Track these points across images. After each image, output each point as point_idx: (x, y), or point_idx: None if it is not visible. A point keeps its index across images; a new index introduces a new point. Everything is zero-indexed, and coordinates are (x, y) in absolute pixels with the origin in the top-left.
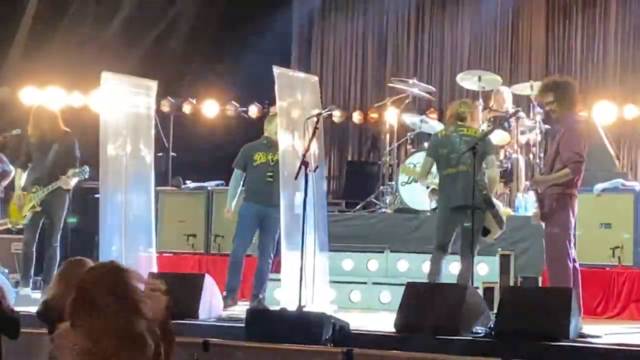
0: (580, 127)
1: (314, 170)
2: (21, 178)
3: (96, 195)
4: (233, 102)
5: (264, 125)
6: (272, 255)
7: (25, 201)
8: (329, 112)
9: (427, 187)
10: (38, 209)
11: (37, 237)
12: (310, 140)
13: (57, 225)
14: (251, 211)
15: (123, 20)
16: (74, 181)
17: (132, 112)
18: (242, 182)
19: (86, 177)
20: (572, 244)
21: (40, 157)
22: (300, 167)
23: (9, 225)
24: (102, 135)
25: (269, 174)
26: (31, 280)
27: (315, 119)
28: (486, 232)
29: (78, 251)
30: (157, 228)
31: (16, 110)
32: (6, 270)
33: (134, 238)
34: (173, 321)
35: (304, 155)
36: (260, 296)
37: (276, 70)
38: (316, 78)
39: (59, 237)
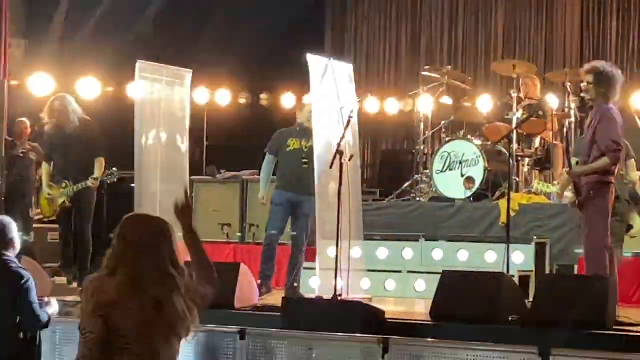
0: (615, 115)
1: (349, 159)
2: (47, 170)
3: (131, 185)
4: (267, 91)
5: (296, 113)
6: (305, 244)
7: (56, 196)
8: (363, 100)
9: (463, 175)
10: (69, 204)
11: (71, 228)
12: (345, 129)
13: (87, 219)
14: (284, 199)
15: (158, 10)
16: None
17: (166, 102)
18: (273, 167)
19: (115, 180)
20: (608, 232)
21: (63, 149)
22: (335, 156)
23: (40, 217)
24: (137, 125)
25: (304, 160)
26: (71, 271)
27: (350, 107)
28: (629, 227)
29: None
30: (192, 217)
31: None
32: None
33: None
34: (210, 309)
35: (338, 144)
36: (295, 285)
37: (310, 58)
38: (351, 66)
39: (90, 230)
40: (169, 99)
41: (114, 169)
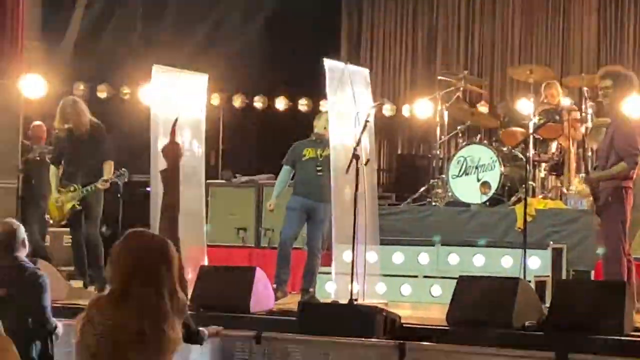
0: (633, 120)
1: (365, 164)
2: (56, 174)
3: (147, 189)
4: (283, 96)
5: (313, 121)
6: (320, 249)
7: (65, 200)
8: (380, 105)
9: (479, 180)
10: (78, 208)
11: (82, 231)
12: (361, 133)
13: (95, 221)
14: (299, 204)
15: (173, 14)
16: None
17: (182, 106)
18: (289, 179)
19: (125, 180)
20: (626, 238)
21: (72, 153)
22: (351, 161)
23: (51, 222)
24: (152, 129)
25: (318, 167)
26: (86, 274)
27: (366, 112)
28: None
29: None
30: (207, 221)
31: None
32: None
33: (185, 231)
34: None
35: (355, 149)
36: (311, 290)
37: (327, 63)
38: (367, 71)
39: (98, 232)
40: (184, 103)
41: (124, 169)
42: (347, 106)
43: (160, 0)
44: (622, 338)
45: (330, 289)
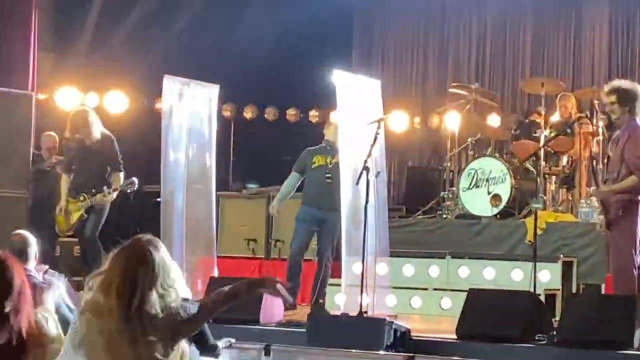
0: None
1: (376, 176)
2: (66, 183)
3: (158, 199)
4: (294, 107)
5: (323, 130)
6: (330, 260)
7: (73, 209)
8: (383, 120)
9: (489, 193)
10: (85, 217)
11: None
12: (372, 145)
13: (97, 226)
14: (309, 215)
15: (185, 24)
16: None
17: (193, 116)
18: (296, 186)
19: (134, 189)
20: (637, 252)
21: (82, 163)
22: (361, 173)
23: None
24: (163, 139)
25: (327, 175)
26: None
27: (376, 124)
28: None
29: None
30: (217, 232)
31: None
32: (62, 276)
33: (195, 242)
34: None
35: (365, 161)
36: (320, 301)
37: (337, 74)
38: (379, 82)
39: (96, 236)
40: (195, 114)
41: (133, 178)
42: (358, 118)
43: (171, 9)
44: (633, 352)
45: (340, 300)
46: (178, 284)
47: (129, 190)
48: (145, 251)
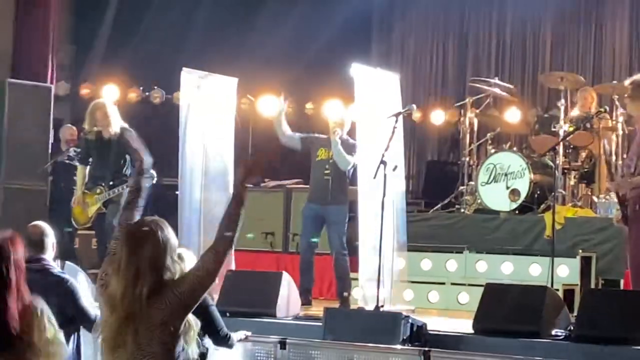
0: None
1: (393, 170)
2: (83, 175)
3: (176, 192)
4: (312, 101)
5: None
6: (344, 251)
7: (91, 202)
8: (409, 112)
9: (508, 188)
10: (104, 210)
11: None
12: (390, 139)
13: (114, 215)
14: (312, 211)
15: (204, 17)
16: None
17: (211, 109)
18: (291, 137)
19: (153, 182)
20: None
21: (100, 155)
22: (378, 167)
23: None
24: (181, 132)
25: (326, 171)
26: None
27: (394, 118)
28: None
29: None
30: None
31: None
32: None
33: (212, 236)
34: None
35: (382, 155)
36: (345, 294)
37: (356, 67)
38: (397, 76)
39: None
40: (214, 107)
41: (152, 172)
42: (376, 111)
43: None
44: None
45: (357, 295)
46: (187, 263)
47: (147, 185)
48: (150, 230)
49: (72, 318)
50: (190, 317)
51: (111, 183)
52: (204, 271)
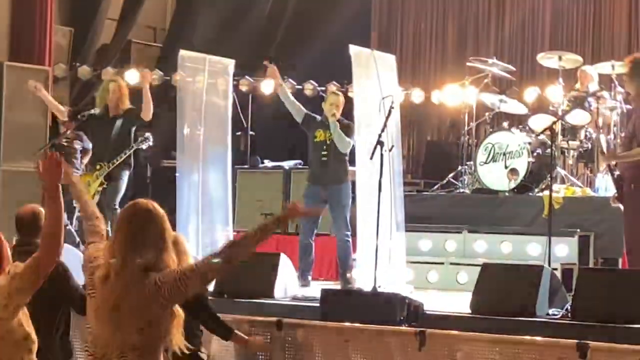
0: None
1: (389, 150)
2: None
3: (176, 174)
4: (311, 81)
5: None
6: (347, 232)
7: (91, 181)
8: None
9: (507, 167)
10: (105, 184)
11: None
12: (386, 119)
13: (120, 188)
14: (314, 193)
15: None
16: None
17: (209, 91)
18: (297, 107)
19: (149, 144)
20: None
21: (101, 132)
22: (375, 147)
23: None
24: (179, 114)
25: (324, 153)
26: None
27: (391, 98)
28: None
29: None
30: (234, 207)
31: None
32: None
33: (211, 217)
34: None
35: (379, 135)
36: (348, 275)
37: (353, 49)
38: (393, 57)
39: (119, 199)
40: (211, 89)
41: (147, 134)
42: (373, 92)
43: None
44: None
45: (355, 275)
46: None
47: (143, 147)
48: (144, 210)
49: (62, 301)
50: (179, 310)
51: (111, 159)
52: (183, 286)
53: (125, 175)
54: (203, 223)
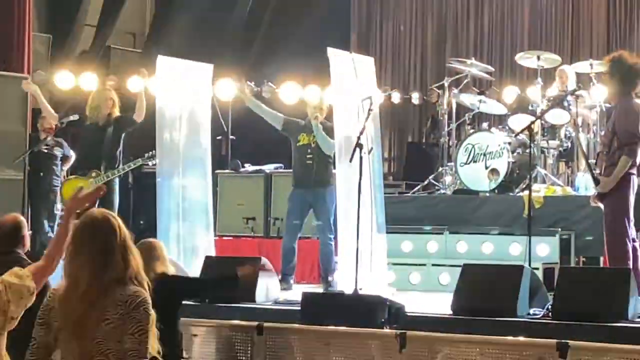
0: (636, 107)
1: (369, 152)
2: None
3: (158, 179)
4: (291, 83)
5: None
6: (331, 235)
7: (85, 187)
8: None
9: (487, 167)
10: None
11: None
12: (365, 121)
13: (115, 201)
14: (298, 196)
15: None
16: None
17: (188, 96)
18: (272, 116)
19: (155, 161)
20: (631, 224)
21: (93, 141)
22: (354, 149)
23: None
24: (158, 119)
25: (309, 156)
26: None
27: (369, 100)
28: None
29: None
30: (216, 211)
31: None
32: None
33: (192, 222)
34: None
35: (358, 137)
36: (330, 278)
37: (331, 52)
38: (372, 59)
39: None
40: (189, 94)
41: (153, 151)
42: (352, 94)
43: None
44: (627, 325)
45: (337, 278)
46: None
47: (150, 163)
48: (104, 219)
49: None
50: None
51: (106, 167)
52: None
53: (117, 185)
54: (184, 228)
